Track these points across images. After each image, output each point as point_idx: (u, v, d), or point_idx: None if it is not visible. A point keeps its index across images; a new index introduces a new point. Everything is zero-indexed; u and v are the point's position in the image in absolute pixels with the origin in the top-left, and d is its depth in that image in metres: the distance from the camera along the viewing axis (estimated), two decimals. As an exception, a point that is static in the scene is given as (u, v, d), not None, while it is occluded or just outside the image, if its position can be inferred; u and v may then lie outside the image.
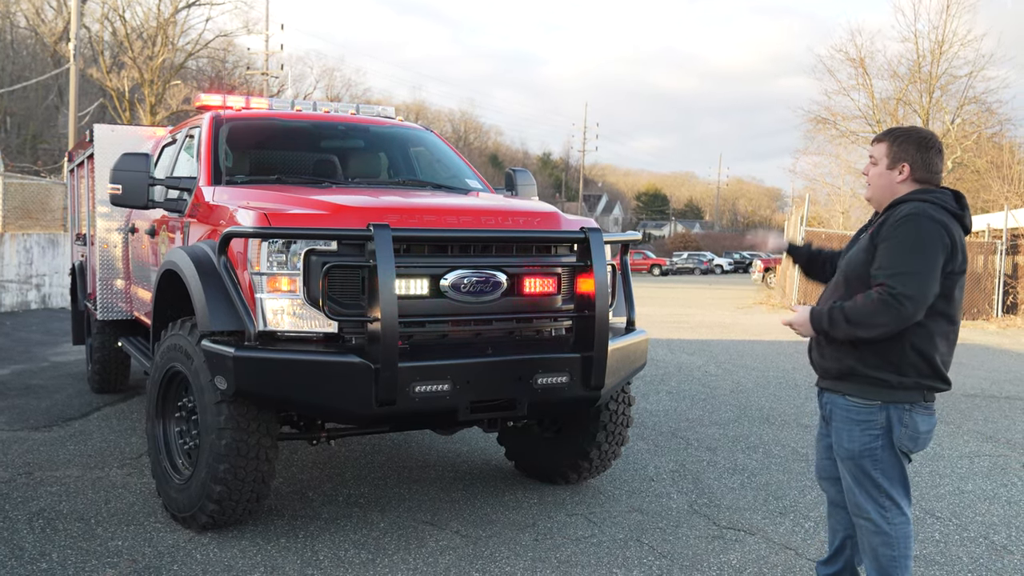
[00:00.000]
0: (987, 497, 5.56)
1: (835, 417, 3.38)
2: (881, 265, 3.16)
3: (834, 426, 3.38)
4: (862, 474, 3.29)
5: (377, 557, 4.30)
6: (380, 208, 4.45)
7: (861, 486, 3.30)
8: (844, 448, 3.33)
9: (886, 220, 3.24)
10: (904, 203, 3.25)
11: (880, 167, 3.34)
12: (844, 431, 3.32)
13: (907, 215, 3.18)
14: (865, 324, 3.15)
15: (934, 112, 33.99)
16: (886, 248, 3.17)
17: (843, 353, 3.29)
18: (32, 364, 10.30)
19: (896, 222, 3.18)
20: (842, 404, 3.33)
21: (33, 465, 5.81)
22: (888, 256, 3.15)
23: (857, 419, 3.28)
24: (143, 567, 4.11)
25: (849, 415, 3.31)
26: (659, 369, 10.64)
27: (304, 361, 4.07)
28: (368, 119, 6.66)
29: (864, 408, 3.27)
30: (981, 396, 9.36)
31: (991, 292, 20.67)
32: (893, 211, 3.26)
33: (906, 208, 3.21)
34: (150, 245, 6.34)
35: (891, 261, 3.14)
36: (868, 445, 3.26)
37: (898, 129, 3.37)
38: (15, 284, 16.50)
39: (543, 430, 5.51)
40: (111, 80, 36.20)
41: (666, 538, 4.66)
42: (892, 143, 3.32)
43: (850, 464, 3.32)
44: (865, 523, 3.32)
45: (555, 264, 4.65)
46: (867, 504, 3.29)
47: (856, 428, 3.28)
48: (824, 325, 3.25)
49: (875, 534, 3.29)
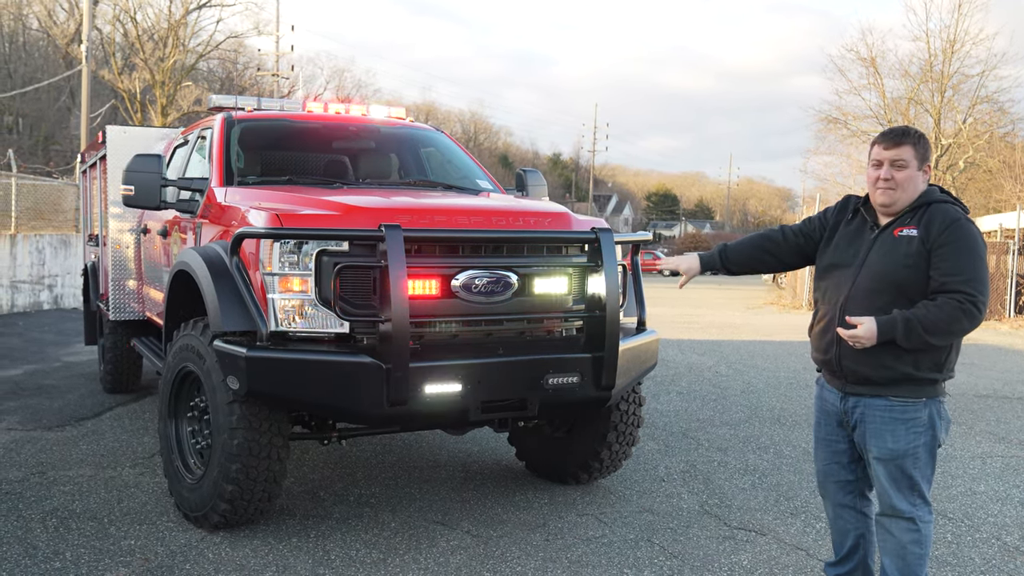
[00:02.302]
0: (999, 498, 5.53)
1: (872, 419, 3.33)
2: (951, 272, 3.14)
3: (871, 428, 3.33)
4: (901, 474, 3.29)
5: (388, 557, 4.31)
6: (391, 209, 4.46)
7: (898, 486, 3.30)
8: (887, 449, 3.29)
9: (930, 224, 3.21)
10: (934, 204, 3.28)
11: (911, 169, 3.29)
12: (887, 431, 3.29)
13: (956, 219, 3.21)
14: (944, 332, 3.14)
15: (946, 111, 33.82)
16: (952, 254, 3.16)
17: (898, 360, 3.23)
18: (45, 364, 10.36)
19: (948, 226, 3.19)
20: (882, 405, 3.30)
21: (46, 464, 5.85)
22: (956, 262, 3.15)
23: (902, 418, 3.27)
24: (155, 566, 4.13)
25: (893, 415, 3.28)
26: (670, 369, 10.63)
27: (316, 361, 4.09)
28: (379, 120, 6.67)
29: (910, 406, 3.27)
30: (993, 397, 9.31)
31: (1003, 292, 20.52)
32: (925, 213, 3.26)
33: (948, 211, 3.24)
34: (162, 246, 6.37)
35: (961, 267, 3.14)
36: (912, 443, 3.27)
37: (912, 130, 3.35)
38: (28, 285, 16.60)
39: (554, 430, 5.51)
40: (123, 82, 36.33)
41: (677, 538, 4.66)
42: (916, 144, 3.30)
43: (890, 465, 3.30)
44: (898, 522, 3.31)
45: (566, 264, 4.65)
46: (903, 504, 3.29)
47: (901, 427, 3.27)
48: (899, 336, 3.15)
49: (908, 532, 3.30)
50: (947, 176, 31.96)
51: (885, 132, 3.39)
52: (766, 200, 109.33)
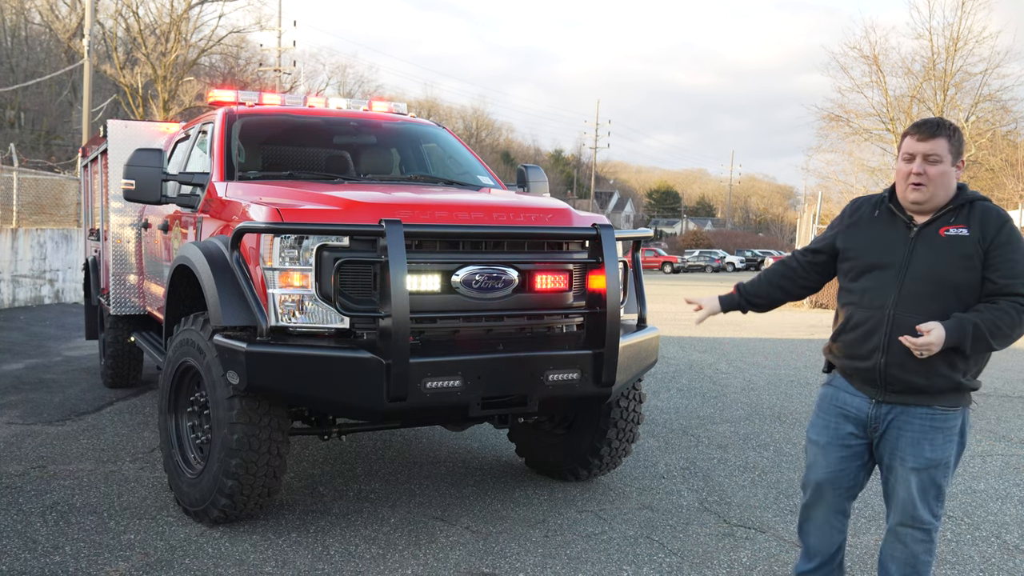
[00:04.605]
0: (999, 496, 5.53)
1: (910, 428, 3.18)
2: (1013, 275, 3.02)
3: (908, 437, 3.18)
4: (931, 484, 3.19)
5: (387, 552, 4.31)
6: (392, 204, 4.45)
7: (926, 496, 3.20)
8: (925, 458, 3.17)
9: (984, 224, 3.08)
10: (978, 202, 3.15)
11: (945, 164, 3.08)
12: (925, 441, 3.17)
13: (1007, 219, 3.10)
14: (1008, 337, 3.03)
15: (948, 110, 33.77)
16: (1012, 256, 3.04)
17: (953, 369, 3.10)
18: (46, 359, 10.37)
19: (1002, 227, 3.07)
20: (923, 413, 3.16)
21: (46, 459, 5.85)
22: (1015, 265, 3.03)
23: (943, 427, 3.16)
24: (155, 560, 4.14)
25: (934, 424, 3.16)
26: (670, 366, 10.63)
27: (316, 356, 4.09)
28: (380, 115, 6.67)
29: (950, 414, 3.17)
30: (994, 395, 9.31)
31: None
32: (971, 211, 3.13)
33: (998, 210, 3.13)
34: (163, 240, 6.37)
35: (1021, 270, 3.04)
36: (947, 452, 3.18)
37: (947, 122, 3.14)
38: (29, 279, 16.61)
39: (553, 427, 5.51)
40: (124, 76, 36.34)
41: (676, 535, 4.66)
42: (951, 138, 3.09)
43: (924, 475, 3.18)
44: (915, 533, 3.23)
45: (567, 260, 4.64)
46: (927, 515, 3.21)
47: (939, 436, 3.16)
48: (967, 343, 3.00)
49: (923, 542, 3.23)
50: (949, 174, 31.86)
51: (918, 123, 3.15)
52: (768, 198, 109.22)
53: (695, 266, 58.24)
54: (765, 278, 3.69)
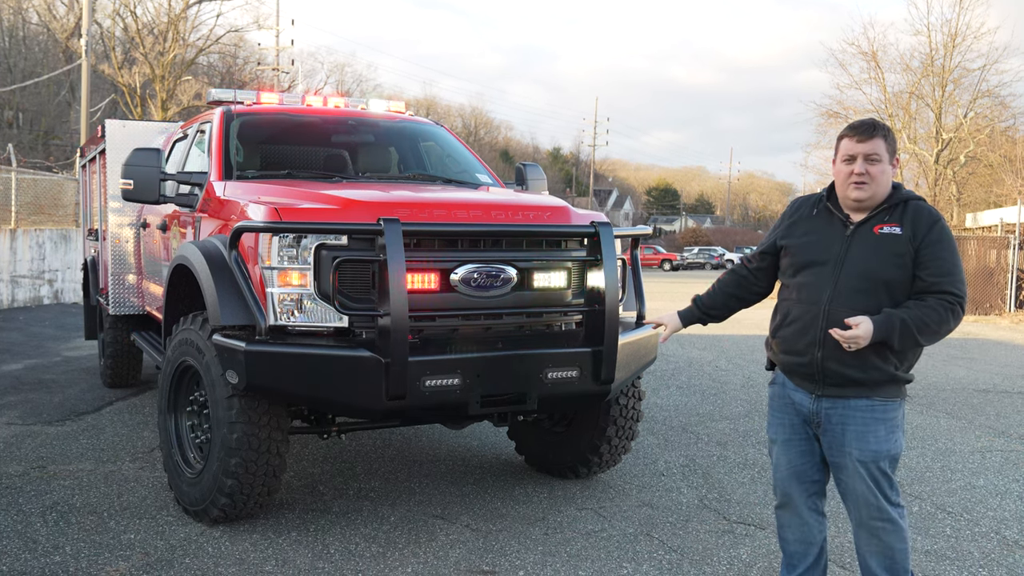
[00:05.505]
0: (999, 492, 5.53)
1: (853, 421, 3.22)
2: (941, 272, 3.10)
3: (852, 430, 3.22)
4: (881, 474, 3.22)
5: (387, 551, 4.31)
6: (390, 203, 4.45)
7: (879, 487, 3.23)
8: (870, 450, 3.20)
9: (916, 222, 3.16)
10: (912, 201, 3.23)
11: (884, 163, 3.19)
12: (868, 433, 3.20)
13: (939, 218, 3.18)
14: (935, 333, 3.11)
15: (947, 106, 33.70)
16: (941, 254, 3.12)
17: (885, 361, 3.16)
18: (45, 359, 10.37)
19: (934, 226, 3.15)
20: (864, 406, 3.21)
21: (46, 459, 5.85)
22: (943, 263, 3.11)
23: (884, 418, 3.21)
24: (155, 560, 4.14)
25: (875, 415, 3.21)
26: (669, 364, 10.63)
27: (315, 355, 4.09)
28: (378, 114, 6.66)
29: (890, 404, 3.22)
30: (993, 391, 9.32)
31: (1004, 287, 20.51)
32: (905, 210, 3.21)
33: (929, 209, 3.20)
34: (161, 240, 6.37)
35: (949, 268, 3.11)
36: (892, 442, 3.22)
37: (880, 123, 3.24)
38: (28, 279, 16.60)
39: (553, 424, 5.51)
40: (123, 76, 36.30)
41: (676, 532, 4.66)
42: (887, 137, 3.20)
43: (872, 467, 3.21)
44: (883, 524, 3.24)
45: (565, 258, 4.64)
46: (886, 505, 3.23)
47: (882, 427, 3.21)
48: (894, 338, 3.07)
49: (893, 532, 3.24)
50: (948, 171, 31.90)
51: (855, 125, 3.26)
52: (767, 195, 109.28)
53: (694, 263, 58.25)
54: (719, 289, 3.79)
